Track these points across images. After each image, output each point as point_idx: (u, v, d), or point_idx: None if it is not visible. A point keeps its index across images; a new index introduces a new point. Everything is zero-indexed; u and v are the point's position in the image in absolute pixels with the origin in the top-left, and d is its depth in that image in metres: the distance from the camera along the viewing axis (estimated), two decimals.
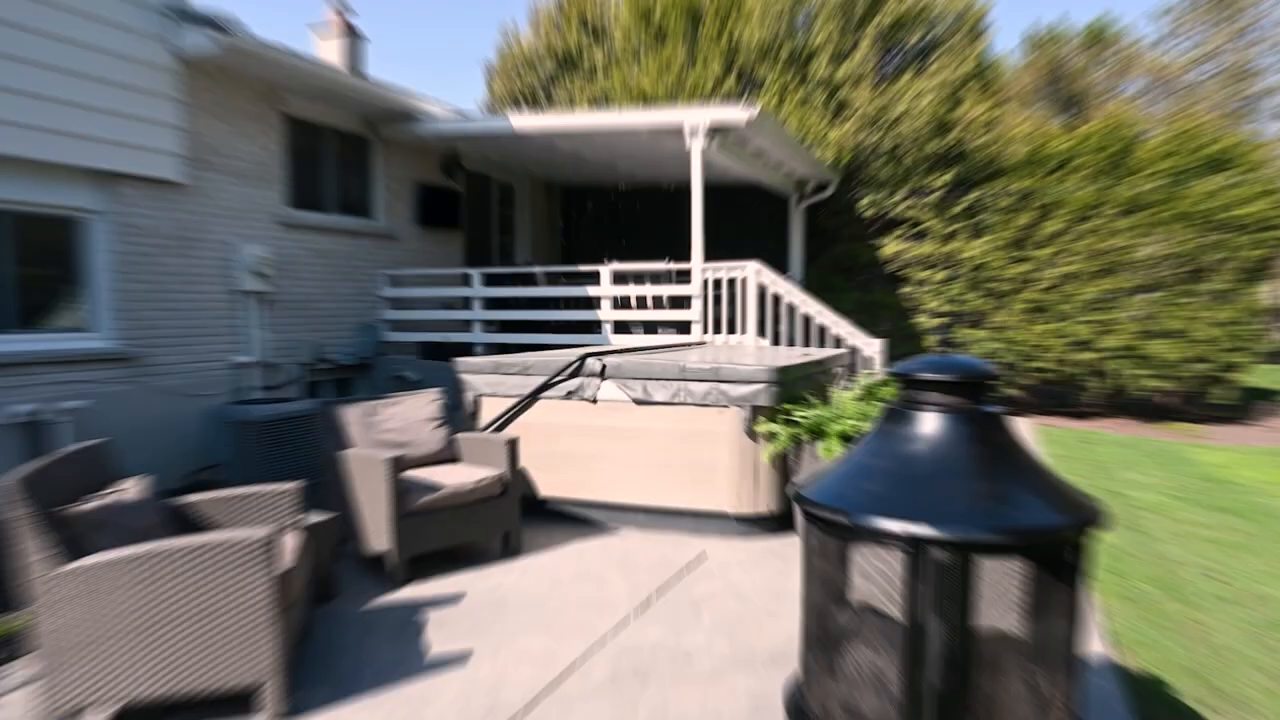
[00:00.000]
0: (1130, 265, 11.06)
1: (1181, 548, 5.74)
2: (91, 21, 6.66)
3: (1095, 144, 11.44)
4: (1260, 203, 10.74)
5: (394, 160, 10.34)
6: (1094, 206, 11.20)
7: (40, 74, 6.30)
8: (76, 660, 2.98)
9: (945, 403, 2.44)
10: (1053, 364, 11.42)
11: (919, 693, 2.25)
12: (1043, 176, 11.44)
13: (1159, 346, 10.92)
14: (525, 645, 3.91)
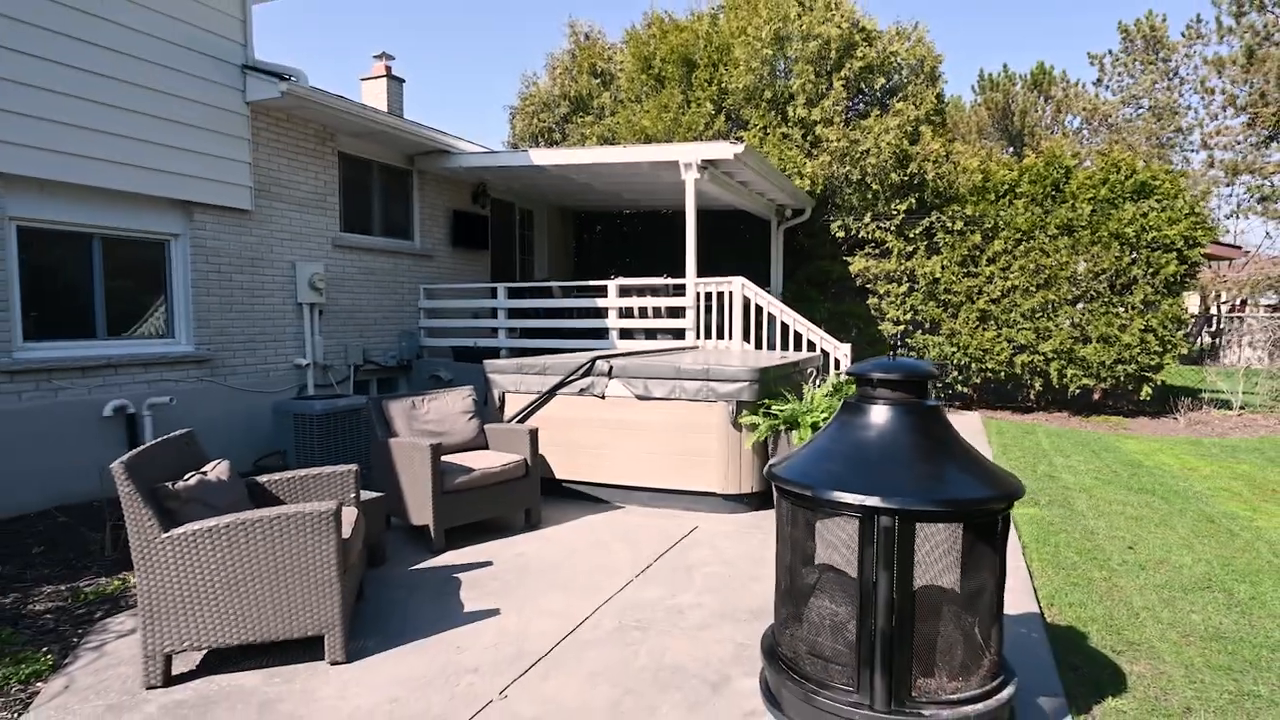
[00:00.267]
0: (1066, 279, 11.15)
1: (1105, 523, 5.82)
2: (182, 75, 6.83)
3: (1035, 174, 11.50)
4: (1181, 225, 10.82)
5: (430, 190, 10.48)
6: (1034, 228, 11.28)
7: (138, 120, 6.48)
8: (172, 611, 3.13)
9: (892, 398, 2.58)
10: (998, 365, 11.48)
11: (870, 636, 2.39)
12: (990, 202, 11.52)
13: (1090, 350, 11.00)
14: (545, 602, 4.05)
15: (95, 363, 6.34)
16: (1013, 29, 50.59)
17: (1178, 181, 11.26)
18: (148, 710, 2.97)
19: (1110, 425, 10.91)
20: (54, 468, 5.94)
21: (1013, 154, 31.32)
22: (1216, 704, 3.12)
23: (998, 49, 52.93)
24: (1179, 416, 11.30)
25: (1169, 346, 10.96)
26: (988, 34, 52.51)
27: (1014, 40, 50.60)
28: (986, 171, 11.82)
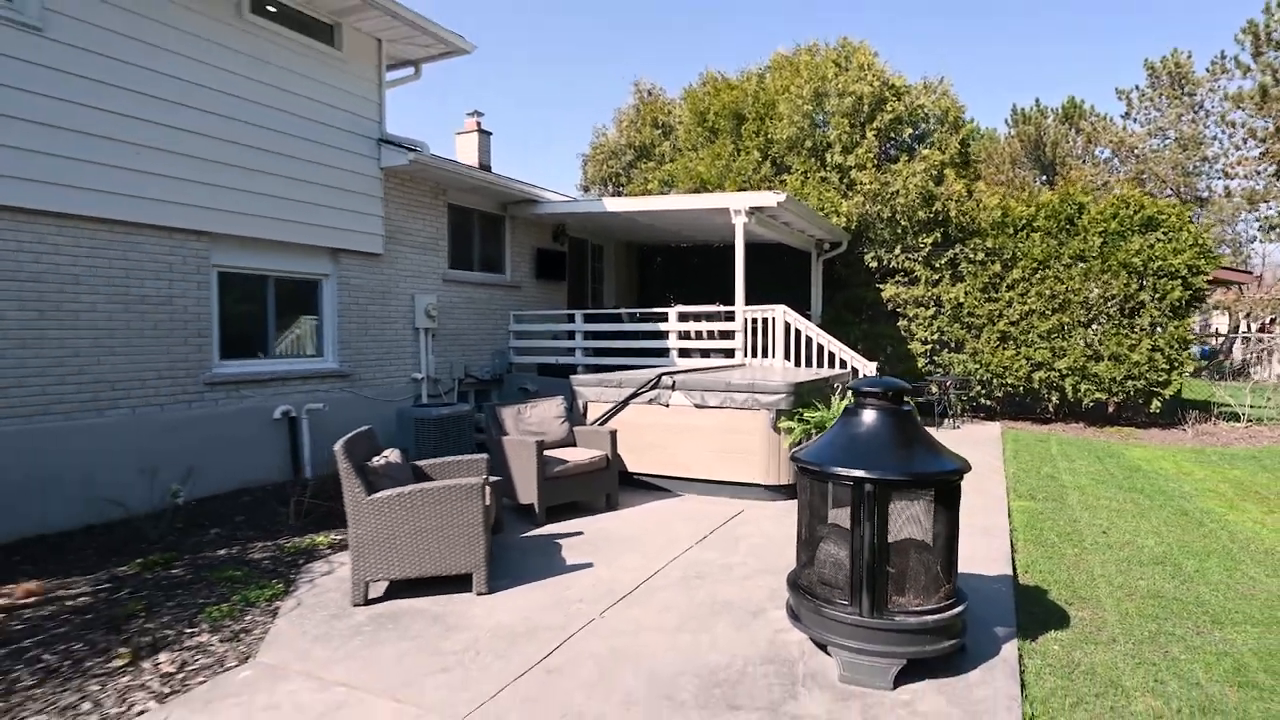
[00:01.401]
0: (1079, 304, 11.60)
1: (1090, 514, 6.44)
2: (336, 150, 8.10)
3: (1051, 210, 12.00)
4: (1186, 254, 11.20)
5: (519, 231, 11.63)
6: (1049, 258, 11.78)
7: (304, 187, 7.75)
8: (372, 551, 4.17)
9: (877, 405, 3.44)
10: (1018, 380, 11.97)
11: (859, 568, 3.25)
12: (1009, 235, 12.06)
13: (1102, 367, 11.42)
14: (626, 560, 4.99)
15: (268, 376, 7.58)
16: (1044, 66, 50.04)
17: (1183, 215, 11.63)
18: (358, 619, 4.01)
19: (1122, 435, 11.27)
20: (239, 458, 7.17)
21: (1045, 182, 31.22)
22: (1137, 638, 3.85)
23: (1029, 85, 52.40)
24: (1187, 428, 11.59)
25: (1176, 364, 11.32)
26: (1020, 71, 52.02)
27: (1045, 76, 50.05)
28: (1005, 208, 12.37)
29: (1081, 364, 11.57)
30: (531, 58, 54.44)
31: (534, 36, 54.67)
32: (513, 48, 52.28)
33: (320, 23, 8.03)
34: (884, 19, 51.96)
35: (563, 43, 54.82)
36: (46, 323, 5.72)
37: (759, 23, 49.45)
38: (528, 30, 54.77)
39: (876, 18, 52.04)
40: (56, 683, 3.32)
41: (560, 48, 55.08)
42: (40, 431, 5.65)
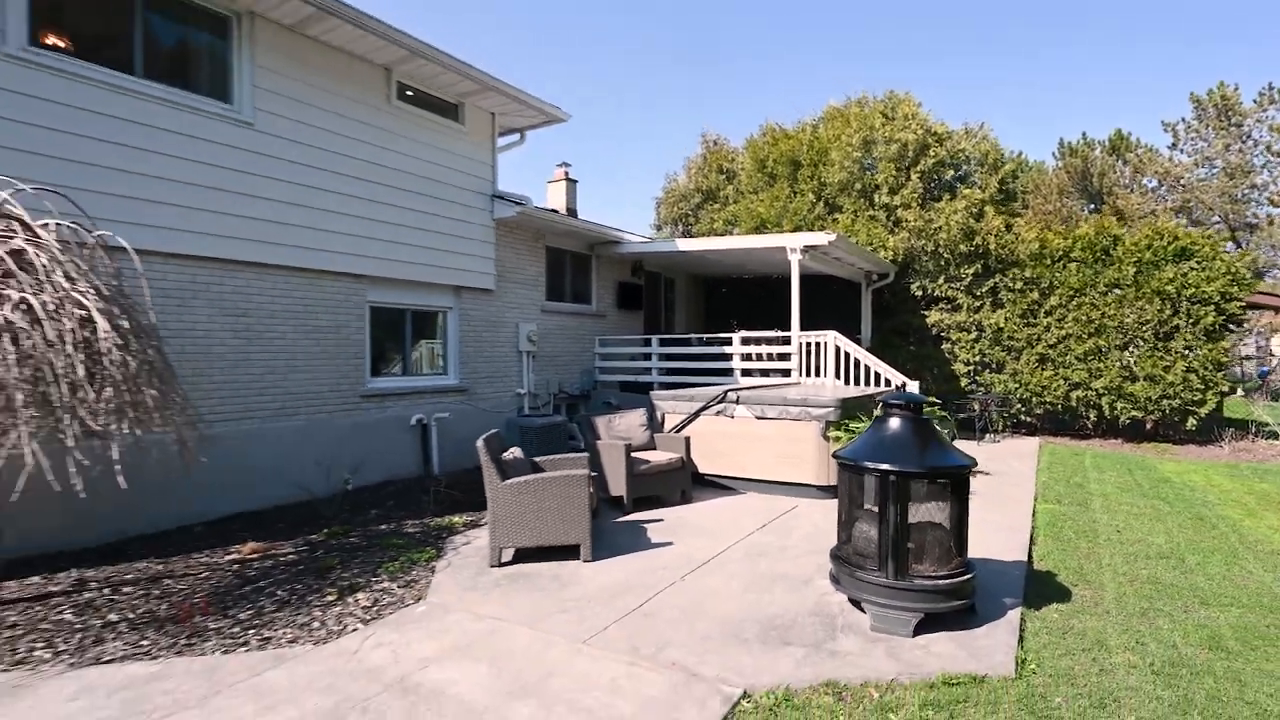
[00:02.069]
0: (1114, 328, 11.62)
1: (1109, 516, 6.71)
2: (459, 206, 9.19)
3: (1087, 242, 12.08)
4: (1219, 282, 11.12)
5: (603, 267, 12.55)
6: (1085, 287, 11.85)
7: (437, 237, 8.84)
8: (504, 526, 5.01)
9: (901, 414, 4.05)
10: (1055, 399, 12.03)
11: (886, 542, 3.85)
12: (1046, 266, 12.19)
13: (1138, 387, 11.39)
14: (698, 541, 5.67)
15: (406, 391, 8.65)
16: (1090, 100, 48.40)
17: (1216, 245, 11.54)
18: (495, 576, 4.84)
19: (1158, 451, 11.18)
20: (386, 456, 8.22)
21: (1093, 210, 30.35)
22: (1129, 612, 4.28)
23: (1077, 119, 50.73)
24: (1224, 444, 11.39)
25: (1211, 384, 11.19)
26: (1067, 106, 50.43)
27: (1091, 110, 48.38)
28: (1043, 240, 12.52)
29: (1117, 384, 11.56)
30: (609, 108, 56.40)
31: (612, 94, 56.69)
32: (588, 108, 54.37)
33: (447, 103, 9.17)
34: (933, 64, 51.44)
35: (637, 95, 56.61)
36: (252, 348, 6.90)
37: (814, 75, 49.81)
38: (605, 90, 56.83)
39: (925, 66, 51.56)
40: (290, 609, 4.26)
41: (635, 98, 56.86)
42: (246, 433, 6.79)
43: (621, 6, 50.11)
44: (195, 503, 6.25)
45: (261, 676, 3.38)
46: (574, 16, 52.08)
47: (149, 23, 6.27)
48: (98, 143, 5.73)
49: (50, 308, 3.89)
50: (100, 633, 3.93)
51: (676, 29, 50.99)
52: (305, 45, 7.36)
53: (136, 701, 3.16)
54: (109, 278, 4.57)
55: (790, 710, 3.06)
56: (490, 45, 42.93)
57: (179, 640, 3.82)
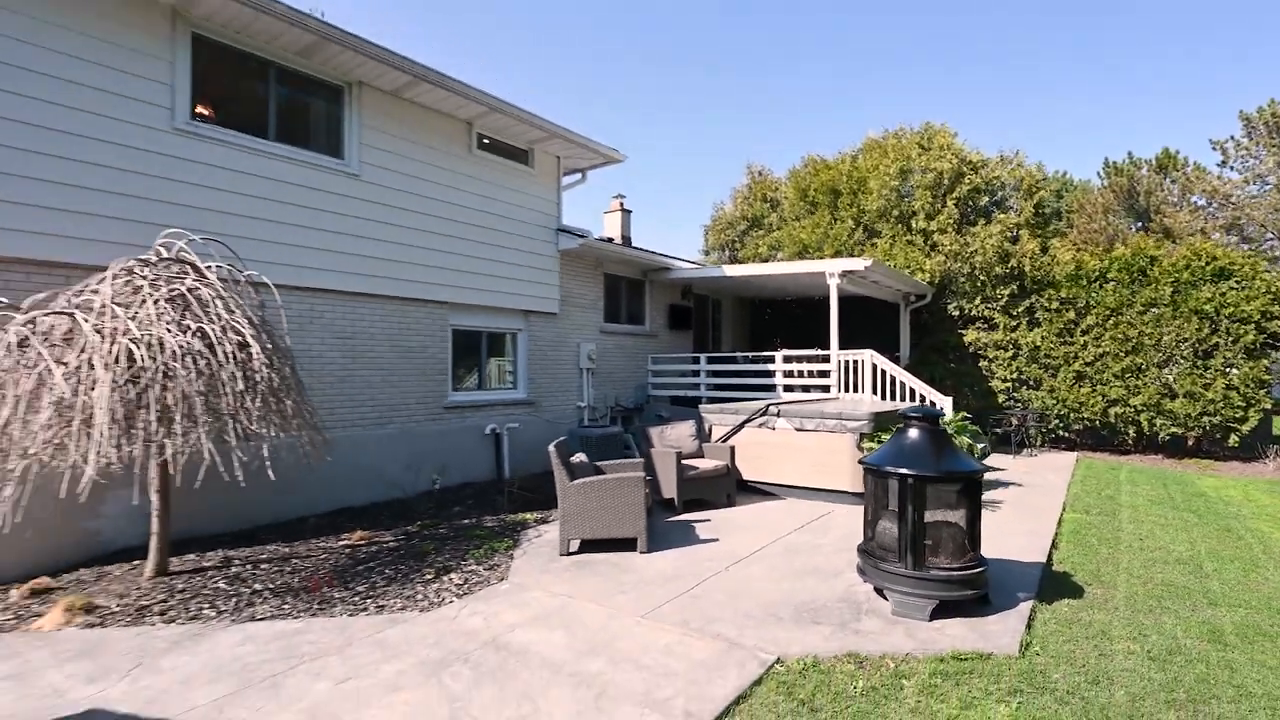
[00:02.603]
0: (1152, 346, 11.47)
1: (1134, 526, 6.79)
2: (527, 239, 9.91)
3: (1123, 264, 11.98)
4: (1258, 301, 10.89)
5: (656, 291, 13.13)
6: (1121, 306, 11.75)
7: (508, 267, 9.57)
8: (572, 520, 5.56)
9: (918, 425, 4.42)
10: (1093, 415, 11.91)
11: (905, 537, 4.22)
12: (1082, 287, 12.13)
13: (1178, 404, 11.19)
14: (741, 538, 6.10)
15: (481, 403, 9.35)
16: (1135, 119, 46.63)
17: (1256, 265, 11.29)
18: (564, 563, 5.38)
19: (1200, 467, 10.94)
20: (464, 461, 8.92)
21: (1140, 229, 29.33)
22: (1137, 609, 4.50)
23: (1122, 138, 48.94)
24: (1269, 461, 11.06)
25: (1253, 402, 10.92)
26: (1111, 125, 48.72)
27: (1137, 129, 46.60)
28: (1079, 262, 12.47)
29: (1156, 401, 11.39)
30: (662, 138, 57.52)
31: (659, 131, 57.77)
32: (639, 149, 55.56)
33: (519, 149, 9.95)
34: (975, 89, 50.57)
35: (685, 129, 57.53)
36: (356, 365, 7.71)
37: (862, 107, 49.69)
38: (651, 127, 57.97)
39: (967, 92, 50.75)
40: (397, 584, 4.90)
41: (685, 130, 57.79)
42: (351, 438, 7.58)
43: (681, 57, 51.23)
44: (310, 498, 7.04)
45: (382, 634, 4.00)
46: (637, 66, 53.49)
47: (280, 94, 7.20)
48: (240, 196, 6.63)
49: (217, 334, 4.66)
50: (250, 598, 4.65)
51: (723, 70, 51.77)
52: (402, 106, 8.23)
53: (289, 649, 3.81)
54: (255, 309, 5.36)
55: (816, 673, 3.48)
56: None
57: (312, 605, 4.49)
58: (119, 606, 4.47)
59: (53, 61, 5.47)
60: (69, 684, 3.44)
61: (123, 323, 4.39)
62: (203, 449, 4.29)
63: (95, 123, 5.69)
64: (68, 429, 4.13)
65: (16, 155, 5.25)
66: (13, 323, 4.40)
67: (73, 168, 5.54)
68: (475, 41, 42.77)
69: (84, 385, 4.16)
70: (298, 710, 3.14)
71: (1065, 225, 31.30)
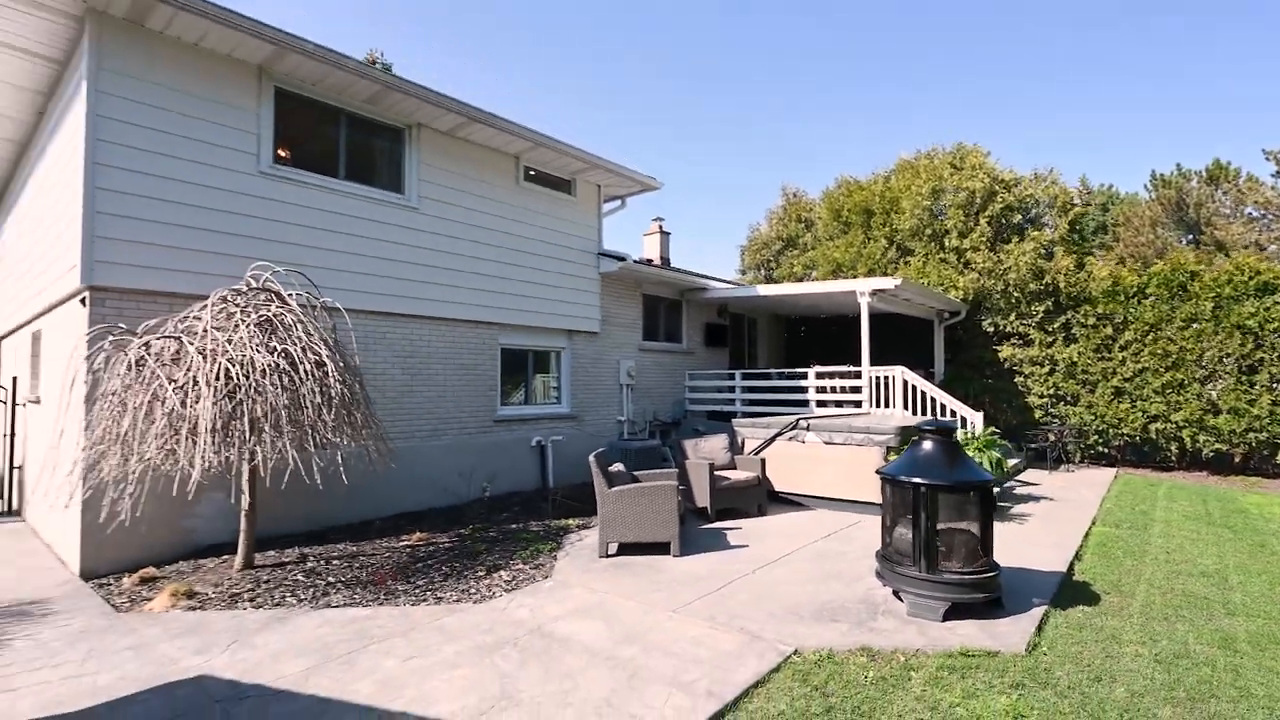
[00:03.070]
0: (1194, 361, 11.22)
1: (1164, 540, 6.75)
2: (571, 264, 10.43)
3: (1162, 279, 11.77)
4: None
5: (692, 310, 13.49)
6: (1161, 322, 11.53)
7: (553, 290, 10.08)
8: (610, 525, 5.93)
9: (932, 437, 4.66)
10: (1133, 431, 11.67)
11: (919, 543, 4.45)
12: (1119, 302, 11.96)
13: (1221, 420, 10.91)
14: (770, 544, 6.35)
15: (528, 417, 9.84)
16: (1184, 131, 44.97)
17: None
18: (603, 564, 5.75)
19: (1246, 484, 10.61)
20: (512, 471, 9.40)
21: (1190, 242, 28.30)
22: (1151, 616, 4.59)
23: (1170, 150, 47.23)
24: None
25: None
26: (1159, 137, 47.06)
27: (1186, 139, 44.90)
28: (1116, 277, 12.30)
29: (1198, 417, 11.12)
30: (699, 163, 58.16)
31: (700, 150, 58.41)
32: (676, 180, 56.27)
33: (562, 180, 10.50)
34: (1016, 106, 49.64)
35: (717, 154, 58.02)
36: (415, 382, 8.29)
37: (908, 123, 49.35)
38: (690, 160, 58.65)
39: (1007, 109, 49.84)
40: (453, 579, 5.34)
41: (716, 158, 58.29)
42: (410, 449, 8.13)
43: (717, 73, 51.90)
44: (374, 503, 7.60)
45: (441, 621, 4.43)
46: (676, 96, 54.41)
47: (349, 137, 7.90)
48: (315, 230, 7.31)
49: (298, 354, 5.23)
50: (325, 589, 5.16)
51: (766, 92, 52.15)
52: (456, 144, 8.87)
53: (361, 631, 4.28)
54: (329, 331, 5.95)
55: (830, 664, 3.74)
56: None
57: (379, 596, 4.97)
58: (214, 593, 5.03)
59: (160, 118, 6.22)
60: (180, 655, 3.96)
61: (220, 345, 5.00)
62: (286, 455, 4.83)
63: (195, 170, 6.42)
64: (176, 436, 4.72)
65: (130, 200, 5.99)
66: (131, 346, 5.05)
67: (175, 210, 6.27)
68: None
69: (189, 399, 4.76)
70: (372, 680, 3.57)
71: (1111, 239, 30.44)
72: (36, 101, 7.35)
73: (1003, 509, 8.04)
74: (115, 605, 4.89)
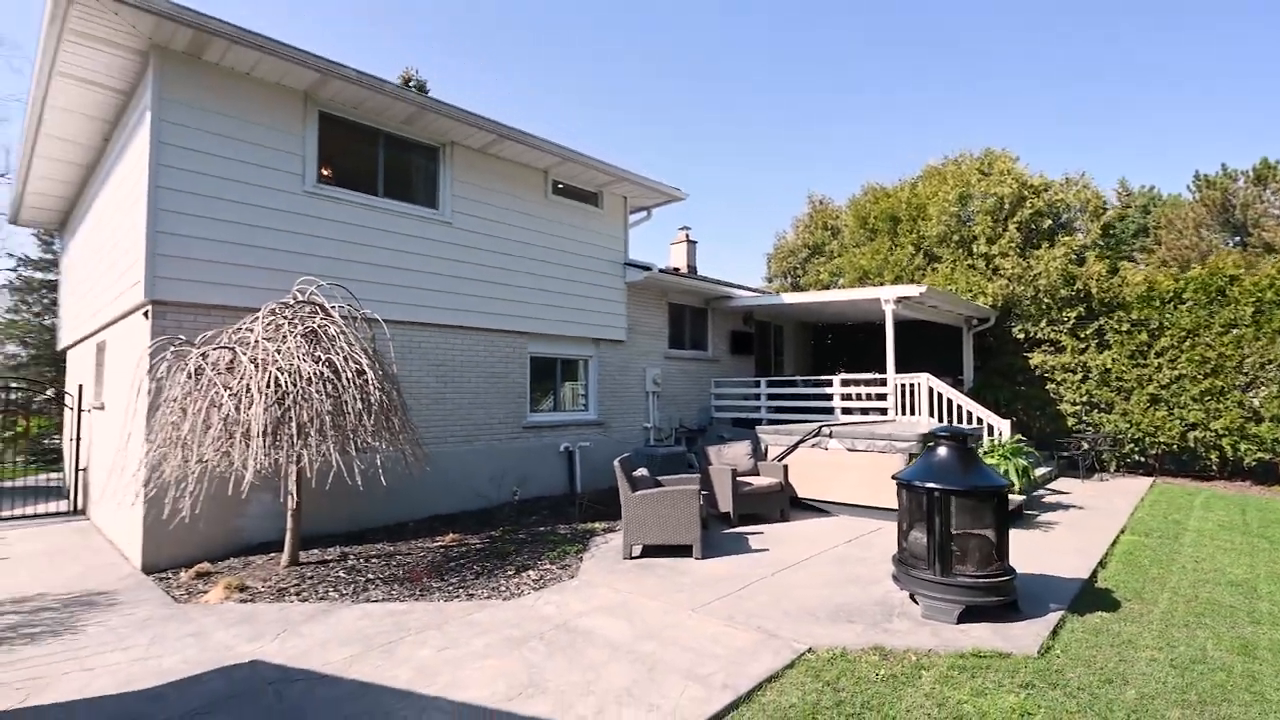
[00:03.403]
0: (1233, 368, 10.96)
1: (1194, 550, 6.66)
2: (598, 274, 10.71)
3: (1199, 284, 11.52)
4: None
5: (718, 318, 13.64)
6: (1198, 328, 11.29)
7: (580, 300, 10.36)
8: (633, 527, 6.12)
9: (948, 443, 4.75)
10: (1170, 439, 11.42)
11: (933, 546, 4.55)
12: (1155, 308, 11.73)
13: (1264, 428, 10.61)
14: (791, 549, 6.47)
15: (556, 423, 10.11)
16: (1228, 130, 43.44)
17: None
18: (627, 565, 5.95)
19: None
20: (541, 476, 9.67)
21: (1237, 244, 27.37)
22: (1171, 623, 4.60)
23: (1215, 149, 45.64)
24: None
25: None
26: (1202, 136, 45.55)
27: (1230, 139, 43.35)
28: (1152, 282, 12.08)
29: (1239, 425, 10.84)
30: (724, 168, 58.29)
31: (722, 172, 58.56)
32: (702, 189, 56.44)
33: (589, 192, 10.79)
34: (1053, 107, 48.63)
35: (747, 162, 58.05)
36: (448, 389, 8.63)
37: (945, 125, 48.77)
38: (715, 168, 58.83)
39: (1044, 112, 48.85)
40: (484, 578, 5.60)
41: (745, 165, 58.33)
42: (444, 454, 8.46)
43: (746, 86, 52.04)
44: (410, 505, 7.93)
45: (472, 616, 4.68)
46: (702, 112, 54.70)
47: (386, 156, 8.30)
48: (355, 245, 7.70)
49: (341, 363, 5.57)
50: (365, 585, 5.46)
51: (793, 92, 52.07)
52: (487, 161, 9.22)
53: (398, 624, 4.55)
54: (368, 341, 6.29)
55: (843, 661, 3.88)
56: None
57: (415, 592, 5.25)
58: (264, 587, 5.38)
59: (214, 143, 6.67)
60: (235, 642, 4.28)
61: (270, 354, 5.36)
62: (331, 458, 5.16)
63: (246, 190, 6.86)
64: (231, 440, 5.08)
65: (187, 220, 6.44)
66: (190, 355, 5.45)
67: (228, 228, 6.70)
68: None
69: (243, 405, 5.12)
70: (409, 667, 3.83)
71: (1152, 242, 29.61)
72: (104, 129, 7.92)
73: (1029, 517, 8.00)
74: (174, 597, 5.26)
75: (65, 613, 4.90)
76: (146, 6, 5.73)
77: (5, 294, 21.81)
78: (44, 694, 3.59)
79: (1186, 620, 4.65)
